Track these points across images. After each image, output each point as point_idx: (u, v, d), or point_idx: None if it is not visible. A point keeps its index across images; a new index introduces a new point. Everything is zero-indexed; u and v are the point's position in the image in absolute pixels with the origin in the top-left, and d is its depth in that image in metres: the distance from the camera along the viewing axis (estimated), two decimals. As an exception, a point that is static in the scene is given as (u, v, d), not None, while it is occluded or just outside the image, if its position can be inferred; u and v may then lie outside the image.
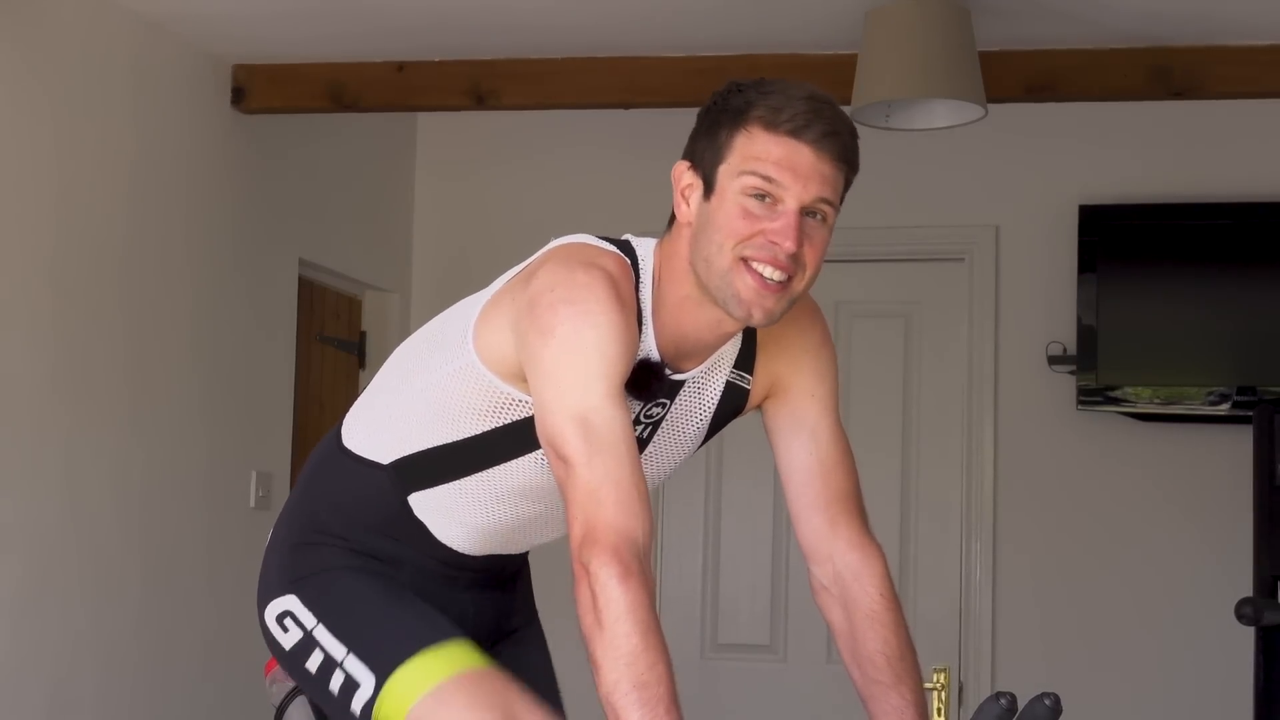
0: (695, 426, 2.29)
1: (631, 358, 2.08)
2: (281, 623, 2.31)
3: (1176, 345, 5.28)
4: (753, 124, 2.09)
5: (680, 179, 2.16)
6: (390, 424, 2.31)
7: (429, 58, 4.90)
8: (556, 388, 2.04)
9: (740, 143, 2.10)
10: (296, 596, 2.31)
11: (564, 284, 2.07)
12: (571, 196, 5.79)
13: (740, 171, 2.09)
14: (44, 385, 4.28)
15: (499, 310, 2.18)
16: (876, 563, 2.29)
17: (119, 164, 4.56)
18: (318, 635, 2.27)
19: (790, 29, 4.57)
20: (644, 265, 2.18)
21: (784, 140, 2.08)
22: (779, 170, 2.07)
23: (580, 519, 1.98)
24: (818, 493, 2.29)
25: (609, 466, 1.99)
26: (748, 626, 5.73)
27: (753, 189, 2.08)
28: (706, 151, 2.13)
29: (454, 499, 2.28)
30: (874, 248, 5.63)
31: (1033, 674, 5.14)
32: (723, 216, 2.10)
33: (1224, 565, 5.14)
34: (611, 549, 1.95)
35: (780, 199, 2.08)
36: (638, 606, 1.93)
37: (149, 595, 4.68)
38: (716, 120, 2.13)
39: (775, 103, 2.09)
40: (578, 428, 2.01)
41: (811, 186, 2.08)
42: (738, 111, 2.11)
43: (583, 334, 2.04)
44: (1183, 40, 4.54)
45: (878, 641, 2.25)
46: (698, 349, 2.22)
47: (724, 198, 2.11)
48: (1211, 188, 5.34)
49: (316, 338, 5.58)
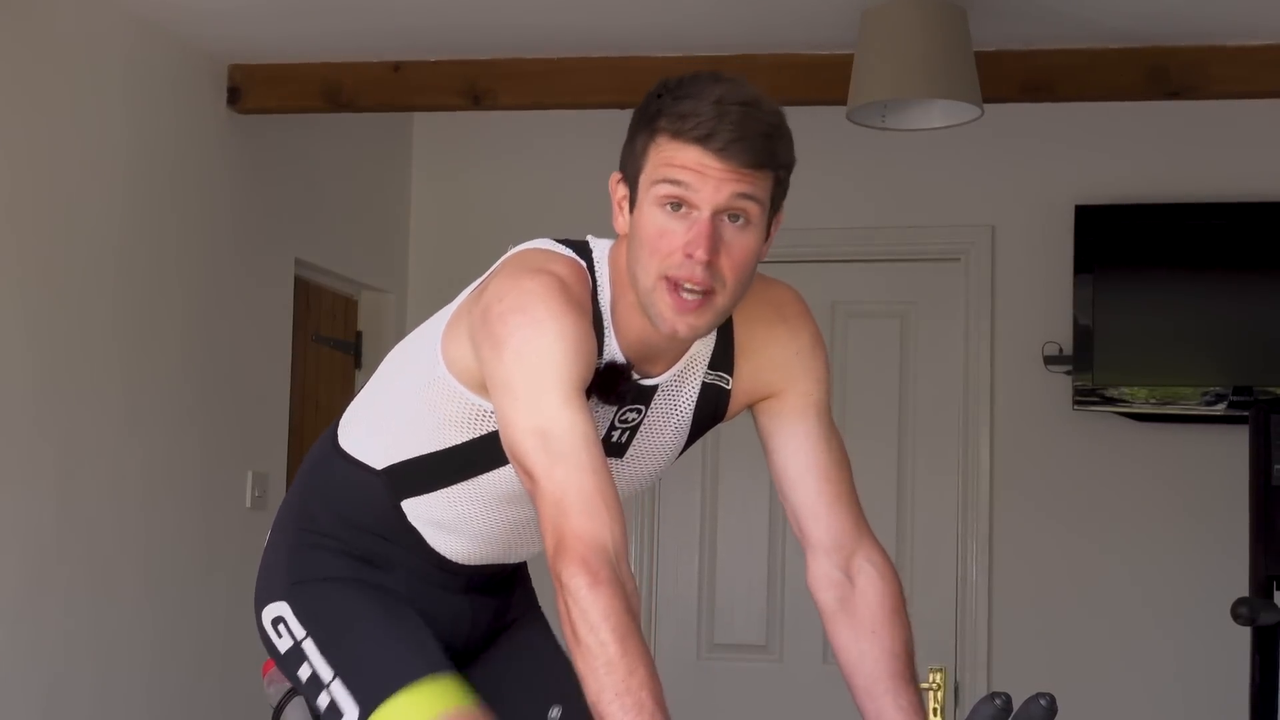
0: (675, 430, 2.27)
1: (588, 361, 2.05)
2: (276, 628, 2.32)
3: (1173, 345, 5.28)
4: (661, 133, 2.05)
5: (615, 191, 2.14)
6: (382, 429, 2.31)
7: (425, 58, 4.90)
8: (513, 400, 2.02)
9: (653, 152, 2.06)
10: (289, 604, 2.31)
11: (512, 292, 2.05)
12: (568, 197, 5.78)
13: (654, 180, 2.05)
14: (40, 384, 4.27)
15: (460, 322, 2.16)
16: (889, 565, 2.28)
17: (114, 164, 4.56)
18: (306, 649, 2.28)
19: (786, 29, 4.57)
20: (600, 267, 2.15)
21: (691, 147, 2.03)
22: (689, 175, 2.03)
23: (549, 530, 1.97)
24: (821, 491, 2.27)
25: (570, 475, 1.97)
26: (744, 627, 5.73)
27: (666, 198, 2.04)
28: (629, 161, 2.11)
29: (444, 506, 2.27)
30: (870, 248, 5.63)
31: (1029, 674, 5.14)
32: (644, 233, 2.06)
33: (1220, 565, 5.14)
34: (579, 558, 1.93)
35: (694, 205, 2.04)
36: (612, 613, 1.91)
37: (145, 595, 4.67)
38: (635, 128, 2.10)
39: (683, 109, 2.04)
40: (537, 439, 1.99)
41: (725, 188, 2.02)
42: (650, 119, 2.07)
43: (533, 343, 2.01)
44: (1179, 40, 4.54)
45: (887, 641, 2.23)
46: (661, 351, 2.18)
47: (643, 210, 2.07)
48: (1208, 188, 5.34)
49: (312, 338, 5.58)
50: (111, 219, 4.54)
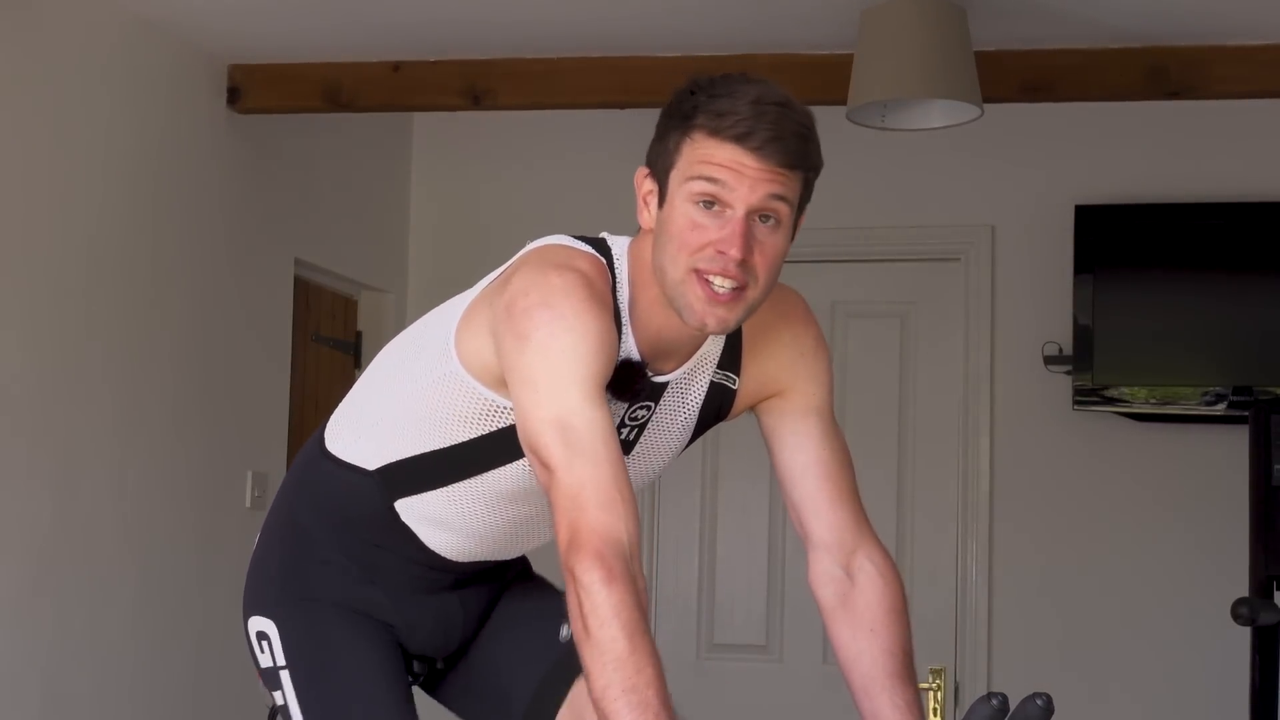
0: (680, 428, 2.28)
1: (610, 359, 2.06)
2: (260, 642, 2.35)
3: (1173, 345, 5.28)
4: (697, 130, 2.06)
5: (641, 185, 2.15)
6: (376, 429, 2.30)
7: (425, 57, 4.90)
8: (534, 393, 2.03)
9: (687, 149, 2.07)
10: (276, 625, 2.33)
11: (538, 288, 2.06)
12: (567, 196, 5.78)
13: (688, 177, 2.07)
14: (39, 385, 4.27)
15: (478, 316, 2.16)
16: (890, 564, 2.29)
17: (114, 163, 4.56)
18: (283, 679, 2.30)
19: (786, 29, 4.57)
20: (619, 264, 2.16)
21: (728, 145, 2.04)
22: (725, 173, 2.04)
23: (564, 524, 1.97)
24: (823, 488, 2.28)
25: (589, 470, 1.98)
26: (744, 627, 5.73)
27: (700, 195, 2.06)
28: (660, 158, 2.12)
29: (442, 505, 2.27)
30: (870, 247, 5.63)
31: (1029, 674, 5.15)
32: (674, 226, 2.08)
33: (1220, 565, 5.14)
34: (595, 552, 1.94)
35: (728, 203, 2.05)
36: (624, 608, 1.92)
37: (144, 595, 4.67)
38: (667, 125, 2.11)
39: (720, 107, 2.05)
40: (557, 433, 1.99)
41: (759, 188, 2.05)
42: (685, 117, 2.08)
43: (559, 338, 2.02)
44: (1180, 40, 4.54)
45: (886, 640, 2.24)
46: (676, 348, 2.20)
47: (674, 205, 2.08)
48: (1208, 188, 5.33)
49: (312, 337, 5.58)
50: (111, 219, 4.54)
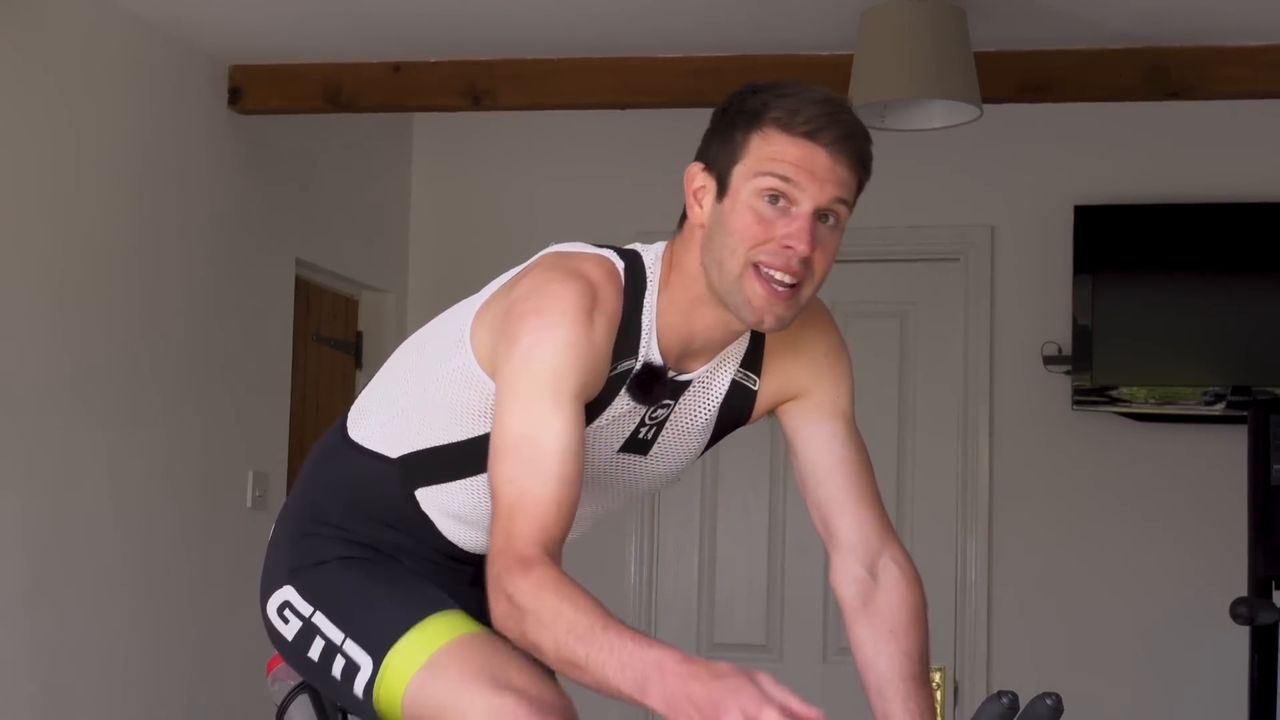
0: (701, 425, 2.29)
1: (594, 371, 2.09)
2: (282, 614, 2.34)
3: (1172, 345, 5.29)
4: (769, 125, 2.09)
5: (693, 180, 2.17)
6: (397, 420, 2.31)
7: (425, 58, 4.90)
8: (510, 399, 2.07)
9: (756, 144, 2.09)
10: (293, 587, 2.33)
11: (537, 293, 2.10)
12: (568, 197, 5.79)
13: (756, 172, 2.09)
14: (41, 385, 4.28)
15: (489, 313, 2.19)
16: (913, 568, 2.31)
17: (116, 164, 4.56)
18: (316, 622, 2.29)
19: (786, 29, 4.58)
20: (650, 269, 2.18)
21: (800, 142, 2.08)
22: (796, 171, 2.07)
23: (500, 531, 2.01)
24: (848, 487, 2.30)
25: (533, 482, 2.01)
26: (744, 626, 5.73)
27: (768, 190, 2.08)
28: (721, 153, 2.13)
29: (463, 497, 2.28)
30: (870, 248, 5.60)
31: (1028, 673, 5.16)
32: (736, 219, 2.10)
33: (1219, 565, 5.14)
34: (516, 555, 1.98)
35: (795, 200, 2.08)
36: (546, 579, 1.95)
37: (146, 595, 4.67)
38: (732, 121, 2.13)
39: (792, 105, 2.09)
40: (515, 446, 2.04)
41: (828, 189, 2.08)
42: (754, 113, 2.11)
43: (540, 346, 2.05)
44: (1179, 41, 4.55)
45: (905, 643, 2.26)
46: (706, 348, 2.22)
47: (737, 199, 2.10)
48: (1207, 188, 5.34)
49: (313, 338, 5.58)
50: (113, 219, 4.54)
